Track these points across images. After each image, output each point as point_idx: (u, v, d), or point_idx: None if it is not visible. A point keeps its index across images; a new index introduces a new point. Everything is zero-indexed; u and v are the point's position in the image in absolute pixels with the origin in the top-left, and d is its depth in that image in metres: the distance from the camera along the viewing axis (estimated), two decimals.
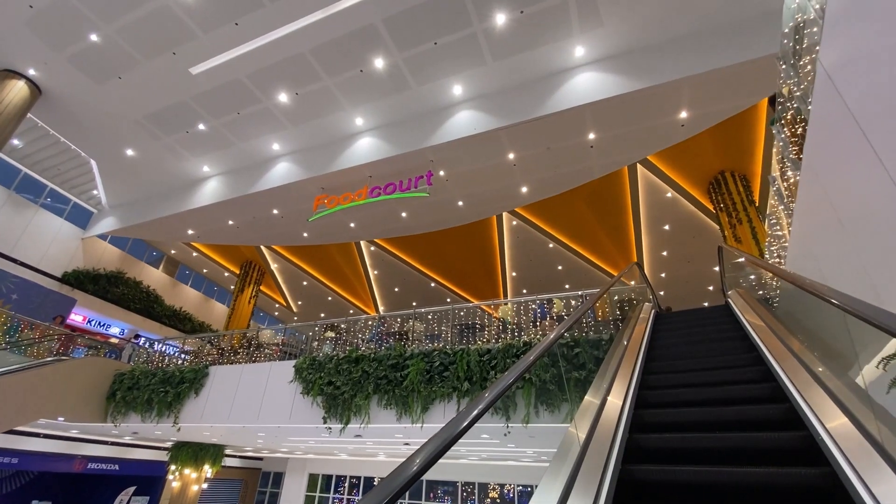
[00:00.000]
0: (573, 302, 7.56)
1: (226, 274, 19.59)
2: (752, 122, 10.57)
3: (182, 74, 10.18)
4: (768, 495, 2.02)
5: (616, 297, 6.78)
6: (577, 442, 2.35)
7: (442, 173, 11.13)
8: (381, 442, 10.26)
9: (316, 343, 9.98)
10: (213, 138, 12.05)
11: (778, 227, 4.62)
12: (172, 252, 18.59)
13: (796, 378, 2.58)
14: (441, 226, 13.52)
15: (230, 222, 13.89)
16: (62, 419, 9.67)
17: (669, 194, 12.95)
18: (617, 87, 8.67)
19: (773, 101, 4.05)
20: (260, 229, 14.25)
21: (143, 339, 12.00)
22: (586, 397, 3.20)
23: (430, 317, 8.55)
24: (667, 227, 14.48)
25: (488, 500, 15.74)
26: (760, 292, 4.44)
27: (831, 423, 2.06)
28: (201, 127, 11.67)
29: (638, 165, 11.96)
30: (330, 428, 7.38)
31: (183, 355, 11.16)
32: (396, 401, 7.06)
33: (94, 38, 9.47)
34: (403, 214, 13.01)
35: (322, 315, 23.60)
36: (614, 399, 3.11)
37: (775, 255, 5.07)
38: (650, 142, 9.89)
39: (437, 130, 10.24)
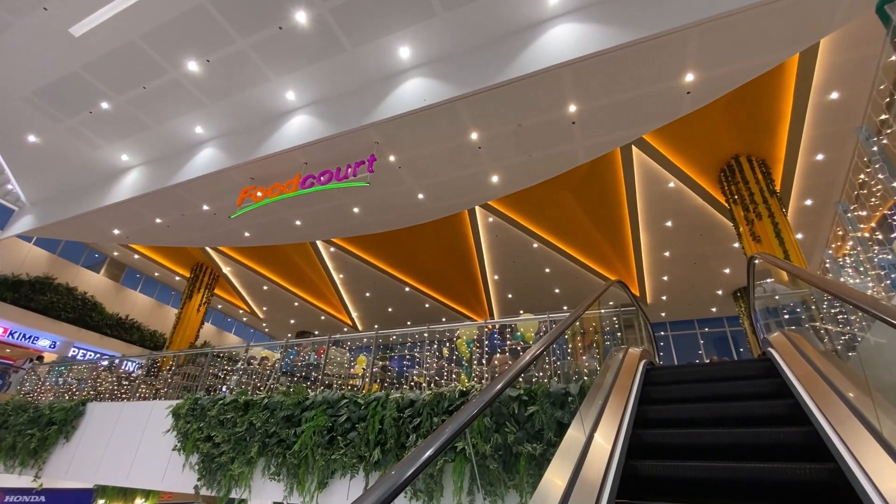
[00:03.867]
0: (532, 331, 5.49)
1: (177, 278, 17.64)
2: (776, 91, 8.46)
3: (64, 37, 8.19)
4: None
5: (593, 327, 4.74)
6: None
7: (392, 159, 9.09)
8: None
9: (224, 373, 7.96)
10: (123, 120, 10.06)
11: (863, 225, 2.55)
12: (115, 254, 16.65)
13: None
14: (403, 223, 11.49)
15: (157, 220, 11.91)
16: None
17: (672, 184, 10.84)
18: (603, 41, 6.60)
19: None
20: (194, 229, 12.26)
21: (44, 358, 10.03)
22: None
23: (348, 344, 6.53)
24: (669, 224, 12.38)
25: None
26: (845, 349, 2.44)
27: None
28: (105, 106, 9.68)
29: (633, 148, 9.86)
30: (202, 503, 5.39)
31: (74, 380, 9.19)
32: (288, 469, 5.05)
33: None
34: (355, 210, 10.98)
35: (292, 321, 21.66)
36: None
37: (847, 266, 3.04)
38: (647, 116, 7.80)
39: (381, 104, 8.21)
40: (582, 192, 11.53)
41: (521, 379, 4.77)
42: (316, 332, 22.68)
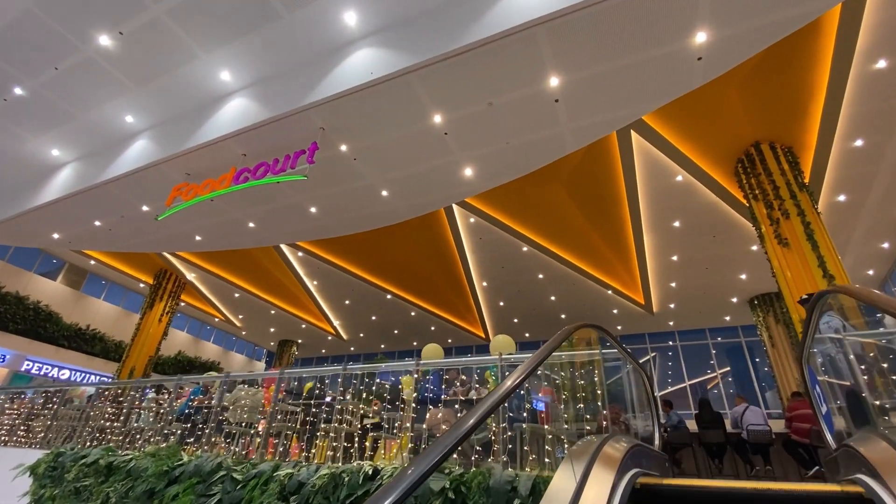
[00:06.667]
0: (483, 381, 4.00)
1: (141, 285, 16.38)
2: (808, 59, 6.90)
3: None
4: None
5: (561, 377, 3.27)
6: None
7: (344, 149, 7.68)
8: None
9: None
10: (44, 108, 8.78)
11: None
12: (73, 260, 15.43)
13: None
14: (369, 225, 10.07)
15: (97, 223, 10.61)
16: None
17: (680, 178, 9.30)
18: None
19: None
20: (138, 232, 10.95)
21: None
22: None
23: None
24: (677, 224, 10.82)
25: None
26: None
27: None
28: (19, 91, 8.40)
29: (632, 133, 8.34)
30: None
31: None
32: None
33: None
34: (312, 210, 9.57)
35: (272, 330, 20.33)
36: None
37: None
38: (647, 90, 6.29)
39: (322, 81, 6.80)
40: (575, 187, 10.02)
41: (456, 454, 3.31)
42: (299, 341, 21.35)
